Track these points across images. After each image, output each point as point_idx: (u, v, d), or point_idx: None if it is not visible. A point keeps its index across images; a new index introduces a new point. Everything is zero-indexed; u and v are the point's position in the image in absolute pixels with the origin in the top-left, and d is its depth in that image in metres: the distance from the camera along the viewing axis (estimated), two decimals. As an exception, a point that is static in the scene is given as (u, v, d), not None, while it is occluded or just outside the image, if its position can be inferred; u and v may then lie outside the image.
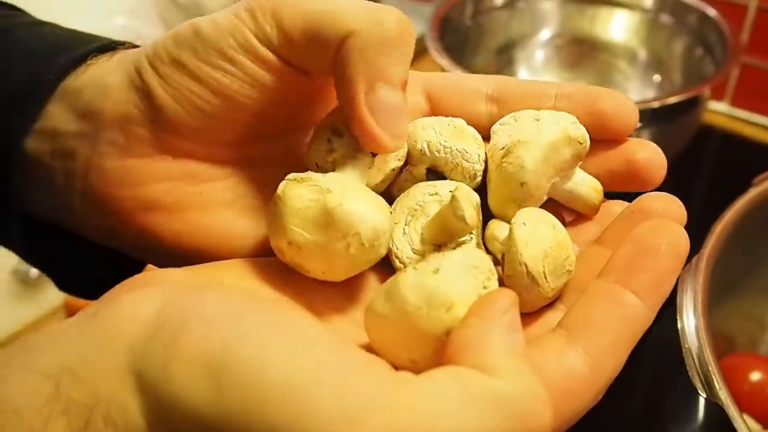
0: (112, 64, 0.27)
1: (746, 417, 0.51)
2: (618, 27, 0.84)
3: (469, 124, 0.28)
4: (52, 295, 0.72)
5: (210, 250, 0.26)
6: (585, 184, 0.26)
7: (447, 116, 0.28)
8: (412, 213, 0.26)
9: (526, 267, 0.23)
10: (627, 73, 0.83)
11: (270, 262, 0.25)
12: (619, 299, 0.21)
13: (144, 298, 0.20)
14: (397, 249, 0.26)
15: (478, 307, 0.20)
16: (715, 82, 0.68)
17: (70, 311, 0.70)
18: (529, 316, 0.24)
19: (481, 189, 0.27)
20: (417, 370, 0.19)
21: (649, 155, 0.26)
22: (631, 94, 0.82)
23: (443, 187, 0.26)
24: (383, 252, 0.24)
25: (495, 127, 0.27)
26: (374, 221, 0.23)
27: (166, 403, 0.18)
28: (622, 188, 0.27)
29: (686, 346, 0.37)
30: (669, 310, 0.26)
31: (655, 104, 0.64)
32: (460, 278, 0.20)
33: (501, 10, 0.84)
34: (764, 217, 0.48)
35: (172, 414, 0.18)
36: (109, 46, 0.28)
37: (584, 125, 0.26)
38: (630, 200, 0.26)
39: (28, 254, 0.30)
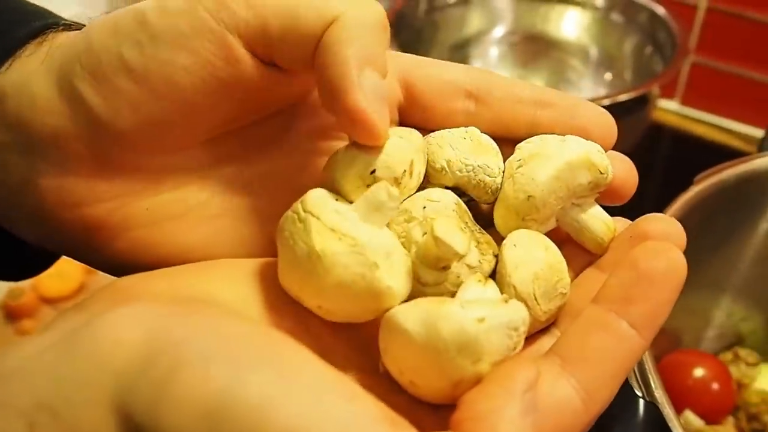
0: (37, 61, 0.23)
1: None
2: (570, 25, 0.85)
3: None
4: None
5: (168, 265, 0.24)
6: (599, 218, 0.25)
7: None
8: None
9: (515, 289, 0.22)
10: (579, 71, 0.84)
11: (257, 265, 0.24)
12: (615, 329, 0.20)
13: (128, 321, 0.18)
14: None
15: (502, 374, 0.19)
16: (663, 79, 0.69)
17: (7, 312, 0.68)
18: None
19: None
20: (411, 391, 0.19)
21: (624, 175, 0.25)
22: (583, 91, 0.82)
23: (415, 206, 0.24)
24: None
25: (520, 144, 0.25)
26: (400, 291, 0.22)
27: None
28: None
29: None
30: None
31: (606, 102, 0.64)
32: (499, 337, 0.19)
33: (455, 6, 0.84)
34: (706, 214, 0.48)
35: None
36: (41, 30, 0.24)
37: None
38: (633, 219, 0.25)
39: None
